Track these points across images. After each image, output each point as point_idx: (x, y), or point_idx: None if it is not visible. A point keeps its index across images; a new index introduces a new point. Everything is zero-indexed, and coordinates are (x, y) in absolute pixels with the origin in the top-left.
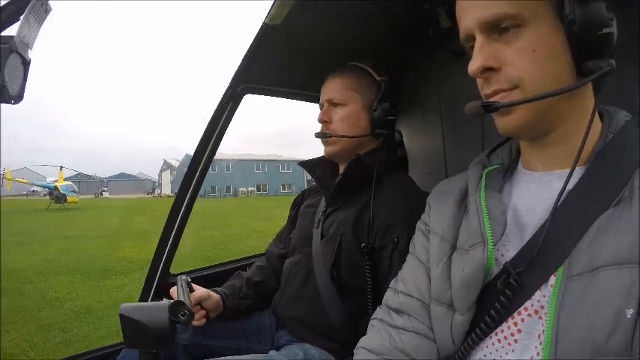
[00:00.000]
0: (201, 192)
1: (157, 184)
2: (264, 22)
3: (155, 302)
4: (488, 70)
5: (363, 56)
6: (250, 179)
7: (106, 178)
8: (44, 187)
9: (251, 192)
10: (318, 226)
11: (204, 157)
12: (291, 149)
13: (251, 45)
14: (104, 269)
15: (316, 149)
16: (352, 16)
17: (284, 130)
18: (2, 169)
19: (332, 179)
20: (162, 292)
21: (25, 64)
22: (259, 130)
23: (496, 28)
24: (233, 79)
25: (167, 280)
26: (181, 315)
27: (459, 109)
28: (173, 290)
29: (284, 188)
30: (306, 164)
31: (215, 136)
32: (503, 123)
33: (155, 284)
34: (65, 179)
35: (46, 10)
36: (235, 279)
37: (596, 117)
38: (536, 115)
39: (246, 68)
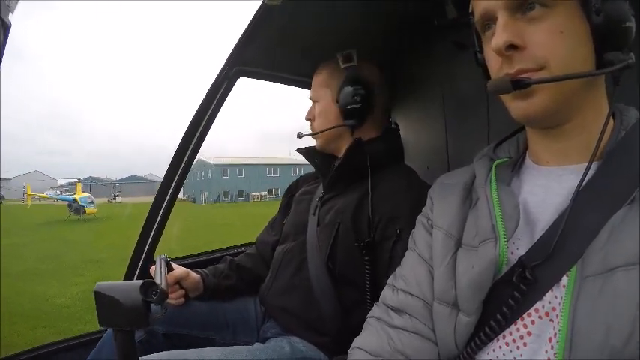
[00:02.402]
0: (214, 197)
1: None
2: (263, 3)
3: (129, 281)
4: (511, 48)
5: (363, 44)
6: (263, 183)
7: (117, 181)
8: (64, 200)
9: (264, 197)
10: (315, 213)
11: (195, 138)
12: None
13: (248, 26)
14: None
15: None
16: (355, 2)
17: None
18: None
19: (330, 166)
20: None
21: (6, 28)
22: (275, 129)
23: (521, 7)
24: (227, 60)
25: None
26: (153, 294)
27: (463, 102)
28: (152, 269)
29: None
30: (305, 152)
31: (206, 118)
32: (521, 108)
33: (138, 269)
34: (74, 183)
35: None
36: (221, 263)
37: (606, 112)
38: (559, 101)
39: (241, 50)
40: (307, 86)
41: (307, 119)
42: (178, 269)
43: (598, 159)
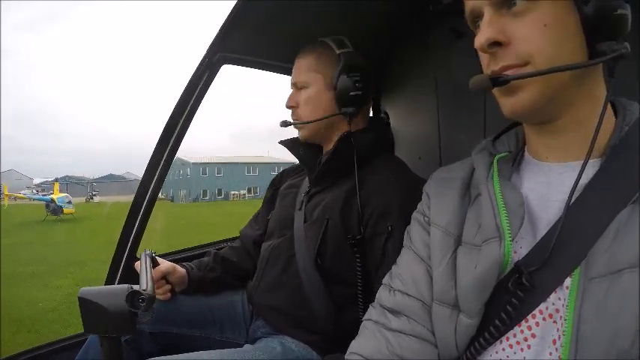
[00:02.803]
0: (193, 195)
1: None
2: None
3: (115, 286)
4: (495, 45)
5: (354, 30)
6: (242, 182)
7: (94, 180)
8: (41, 200)
9: (243, 195)
10: (301, 208)
11: (175, 132)
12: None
13: (231, 12)
14: None
15: None
16: None
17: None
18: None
19: (316, 158)
20: (129, 279)
21: None
22: (252, 127)
23: (506, 2)
24: (210, 47)
25: (133, 267)
26: (140, 302)
27: (459, 90)
28: (137, 265)
29: None
30: (288, 143)
31: (188, 109)
32: (510, 104)
33: (121, 269)
34: (51, 182)
35: None
36: (205, 257)
37: (610, 109)
38: (547, 95)
39: (224, 36)
40: None
41: (289, 106)
42: (164, 264)
43: (601, 155)
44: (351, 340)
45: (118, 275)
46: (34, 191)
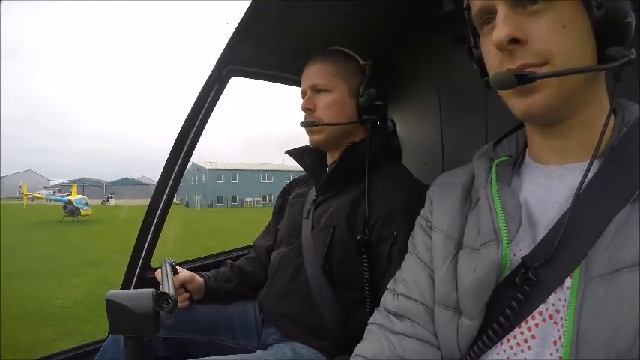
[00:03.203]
0: (207, 201)
1: None
2: (253, 0)
3: (141, 289)
4: (513, 42)
5: (357, 39)
6: (257, 189)
7: (111, 183)
8: (59, 201)
9: (257, 202)
10: (308, 216)
11: (187, 142)
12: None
13: (238, 25)
14: None
15: None
16: None
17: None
18: (19, 185)
19: (322, 168)
20: (144, 285)
21: None
22: (266, 135)
23: (522, 0)
24: (218, 61)
25: (147, 275)
26: (165, 304)
27: (460, 97)
28: (158, 273)
29: None
30: (294, 153)
31: (199, 120)
32: (524, 104)
33: (135, 278)
34: (68, 184)
35: None
36: (222, 267)
37: (607, 108)
38: (563, 96)
39: (232, 49)
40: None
41: (307, 108)
42: (184, 272)
43: (599, 156)
44: None
45: (134, 280)
46: (51, 192)
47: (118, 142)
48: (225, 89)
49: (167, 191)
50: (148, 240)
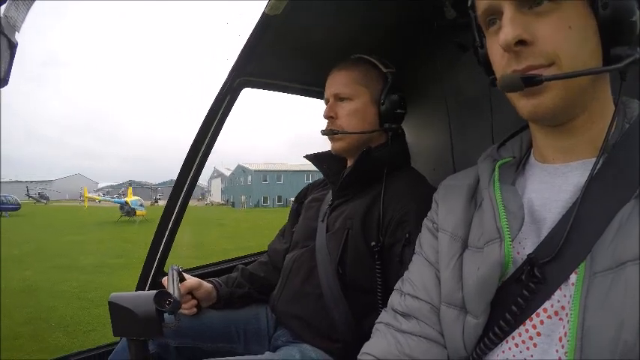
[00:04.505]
0: (254, 201)
1: (205, 190)
2: (263, 13)
3: (143, 291)
4: (520, 44)
5: (365, 49)
6: (301, 189)
7: (157, 184)
8: (117, 202)
9: None
10: (324, 219)
11: (201, 152)
12: None
13: (250, 37)
14: None
15: None
16: (355, 7)
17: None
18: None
19: (339, 172)
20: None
21: (12, 47)
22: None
23: (528, 1)
24: (231, 72)
25: (160, 280)
26: (167, 304)
27: (466, 102)
28: (165, 280)
29: None
30: (313, 158)
31: (212, 130)
32: (531, 105)
33: (150, 281)
34: (115, 186)
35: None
36: (234, 272)
37: (612, 106)
38: (570, 97)
39: (244, 61)
40: (312, 94)
41: (329, 116)
42: (190, 279)
43: (603, 153)
44: None
45: (147, 286)
46: (101, 194)
47: (159, 147)
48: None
49: (181, 198)
50: (163, 244)
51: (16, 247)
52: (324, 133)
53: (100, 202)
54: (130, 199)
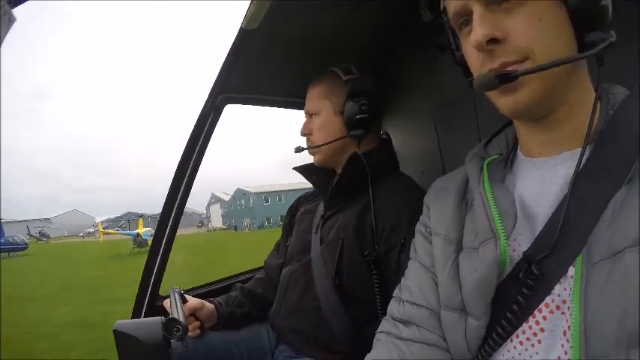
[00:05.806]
0: (257, 223)
1: (203, 217)
2: (240, 27)
3: (149, 318)
4: (492, 42)
5: (347, 54)
6: None
7: (156, 215)
8: (129, 234)
9: None
10: (317, 231)
11: (188, 171)
12: None
13: (229, 53)
14: None
15: None
16: (333, 13)
17: None
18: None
19: (329, 183)
20: (153, 314)
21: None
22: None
23: None
24: (212, 89)
25: (157, 302)
26: (175, 331)
27: (450, 103)
28: (167, 302)
29: None
30: (302, 169)
31: (197, 150)
32: (510, 102)
33: (145, 307)
34: (114, 219)
35: (10, 20)
36: (232, 291)
37: (593, 94)
38: (547, 90)
39: (225, 77)
40: (296, 106)
41: (304, 134)
42: (193, 301)
43: (590, 142)
44: None
45: (143, 310)
46: (104, 226)
47: (154, 175)
48: (220, 117)
49: (171, 220)
50: (156, 269)
51: (41, 288)
52: (296, 150)
53: (100, 235)
54: (142, 230)
